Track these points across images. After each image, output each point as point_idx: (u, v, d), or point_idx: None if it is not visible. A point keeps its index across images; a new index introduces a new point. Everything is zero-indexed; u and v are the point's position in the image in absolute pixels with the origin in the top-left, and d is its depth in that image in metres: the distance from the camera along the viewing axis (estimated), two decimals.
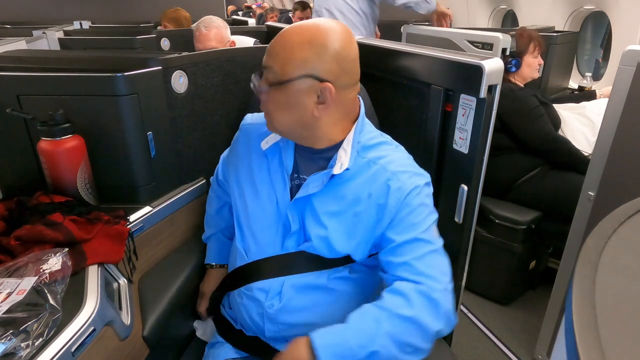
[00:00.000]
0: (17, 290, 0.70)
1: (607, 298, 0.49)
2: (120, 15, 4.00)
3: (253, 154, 0.94)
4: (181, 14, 2.79)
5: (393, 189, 0.82)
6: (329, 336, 0.74)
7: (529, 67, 1.92)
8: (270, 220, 0.91)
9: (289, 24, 0.91)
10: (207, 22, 1.94)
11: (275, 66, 0.78)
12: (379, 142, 0.89)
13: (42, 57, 1.24)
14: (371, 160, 0.86)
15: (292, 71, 0.77)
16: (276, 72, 0.78)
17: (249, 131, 0.98)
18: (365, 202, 0.84)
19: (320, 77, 0.77)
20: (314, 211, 0.86)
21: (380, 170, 0.84)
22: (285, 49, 0.78)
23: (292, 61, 0.77)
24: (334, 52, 0.77)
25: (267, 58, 0.80)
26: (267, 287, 0.89)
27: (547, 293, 1.55)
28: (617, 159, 1.21)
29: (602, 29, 3.01)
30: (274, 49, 0.79)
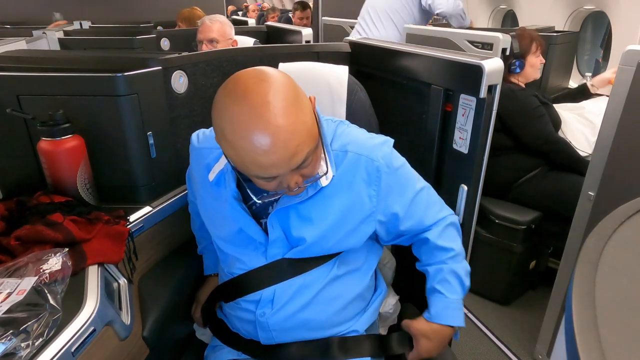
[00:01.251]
0: (17, 290, 0.70)
1: (607, 298, 0.49)
2: (120, 15, 4.00)
3: (206, 182, 0.88)
4: (195, 13, 2.79)
5: (372, 170, 0.84)
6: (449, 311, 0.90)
7: (532, 67, 1.92)
8: (244, 241, 0.87)
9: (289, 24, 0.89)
10: (213, 16, 2.00)
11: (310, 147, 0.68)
12: (333, 129, 0.87)
13: (42, 57, 1.24)
14: (340, 150, 0.84)
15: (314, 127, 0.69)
16: (312, 148, 0.69)
17: (199, 157, 0.91)
18: (349, 190, 0.84)
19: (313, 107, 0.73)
20: (302, 215, 0.83)
21: (353, 157, 0.84)
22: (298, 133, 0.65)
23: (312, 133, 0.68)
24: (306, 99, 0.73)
25: (296, 157, 0.66)
26: (257, 297, 0.88)
27: (547, 293, 1.55)
28: (617, 159, 1.21)
29: (602, 29, 3.01)
30: (288, 149, 0.65)
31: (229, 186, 0.84)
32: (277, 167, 0.66)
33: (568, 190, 1.68)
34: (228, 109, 0.65)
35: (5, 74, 0.98)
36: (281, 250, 0.86)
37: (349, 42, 1.41)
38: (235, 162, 0.69)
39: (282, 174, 0.69)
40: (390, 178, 0.85)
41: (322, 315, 0.89)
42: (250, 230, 0.85)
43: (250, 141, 0.63)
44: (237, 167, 0.71)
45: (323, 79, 1.12)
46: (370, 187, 0.84)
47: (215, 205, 0.88)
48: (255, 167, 0.67)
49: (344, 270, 0.90)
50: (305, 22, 4.50)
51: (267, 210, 0.86)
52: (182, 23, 2.82)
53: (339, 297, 0.90)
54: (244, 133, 0.63)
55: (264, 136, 0.63)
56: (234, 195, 0.84)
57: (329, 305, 0.89)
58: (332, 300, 0.89)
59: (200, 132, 0.95)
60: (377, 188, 0.85)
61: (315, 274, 0.87)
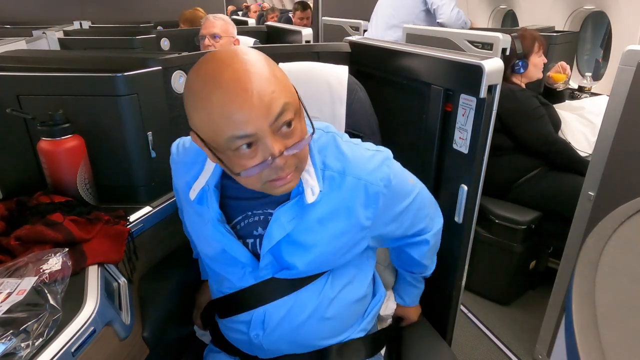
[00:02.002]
0: (17, 290, 0.70)
1: (607, 298, 0.49)
2: (120, 15, 4.00)
3: (187, 199, 0.81)
4: (197, 14, 2.79)
5: (371, 194, 0.77)
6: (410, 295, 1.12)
7: (535, 67, 1.92)
8: (229, 260, 0.81)
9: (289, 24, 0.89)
10: (217, 14, 2.01)
11: (288, 98, 0.62)
12: (327, 142, 0.78)
13: (42, 57, 1.24)
14: (338, 173, 0.76)
15: (294, 94, 0.65)
16: (292, 102, 0.62)
17: (179, 173, 0.85)
18: (347, 215, 0.78)
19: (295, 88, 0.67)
20: (294, 241, 0.77)
21: (353, 182, 0.76)
22: (272, 81, 0.60)
23: (287, 86, 0.63)
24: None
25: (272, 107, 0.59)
26: (247, 318, 0.84)
27: (547, 293, 1.55)
28: (617, 159, 1.21)
29: (602, 29, 3.01)
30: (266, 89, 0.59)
31: (211, 207, 0.77)
32: (253, 119, 0.58)
33: (568, 190, 1.68)
34: (196, 71, 0.61)
35: (5, 74, 0.98)
36: (271, 270, 0.81)
37: (349, 42, 1.41)
38: (207, 130, 0.61)
39: (259, 131, 0.60)
40: (388, 197, 0.80)
41: (318, 333, 0.86)
42: (235, 251, 0.78)
43: (220, 92, 0.58)
44: (211, 140, 0.62)
45: (323, 79, 1.12)
46: (367, 210, 0.78)
47: (199, 223, 0.82)
48: (229, 125, 0.58)
49: (338, 287, 0.85)
50: (306, 22, 4.50)
51: (252, 232, 0.80)
52: (184, 24, 2.82)
53: (335, 314, 0.86)
54: (214, 83, 0.58)
55: (234, 82, 0.58)
56: (217, 216, 0.77)
57: (324, 323, 0.86)
58: (327, 319, 0.86)
59: (180, 142, 0.87)
60: (375, 209, 0.79)
61: (307, 294, 0.82)
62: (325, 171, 0.76)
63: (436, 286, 1.16)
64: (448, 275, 1.10)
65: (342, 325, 0.90)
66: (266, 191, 0.69)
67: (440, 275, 1.08)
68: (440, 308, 1.16)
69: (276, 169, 0.64)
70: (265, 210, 0.79)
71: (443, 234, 1.04)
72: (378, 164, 0.79)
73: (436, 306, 1.18)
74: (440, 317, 1.15)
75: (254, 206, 0.79)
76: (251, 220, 0.80)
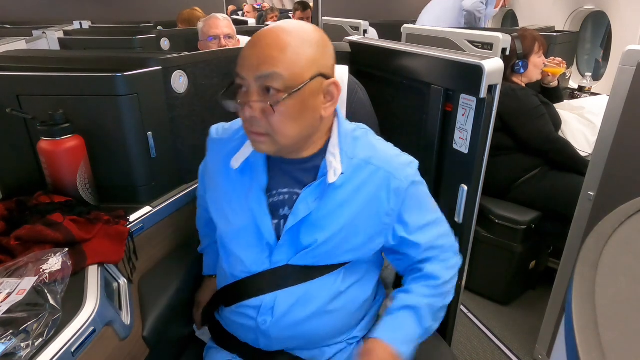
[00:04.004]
0: (17, 290, 0.70)
1: (607, 298, 0.49)
2: (120, 15, 4.00)
3: (224, 172, 0.88)
4: (195, 14, 2.78)
5: (393, 188, 0.82)
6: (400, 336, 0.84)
7: (535, 67, 1.93)
8: (253, 239, 0.85)
9: None
10: (219, 14, 2.00)
11: (283, 72, 0.70)
12: (360, 135, 0.86)
13: (42, 57, 1.24)
14: (364, 161, 0.83)
15: (305, 73, 0.72)
16: (285, 78, 0.70)
17: (217, 147, 0.92)
18: (365, 204, 0.82)
19: (327, 74, 0.76)
20: (314, 222, 0.82)
21: (375, 171, 0.83)
22: (287, 51, 0.70)
23: (301, 62, 0.71)
24: (330, 49, 0.78)
25: (263, 66, 0.70)
26: (258, 303, 0.85)
27: (547, 293, 1.55)
28: (617, 159, 1.21)
29: (602, 29, 3.01)
30: (270, 53, 0.70)
31: (258, 174, 0.84)
32: (248, 65, 0.71)
33: (568, 190, 1.68)
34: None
35: (5, 74, 0.98)
36: (286, 257, 0.84)
37: (349, 42, 1.41)
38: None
39: (247, 78, 0.72)
40: (411, 199, 0.85)
41: (324, 328, 0.87)
42: (263, 224, 0.83)
43: (253, 37, 0.74)
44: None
45: None
46: (389, 204, 0.83)
47: (232, 195, 0.86)
48: (240, 60, 0.73)
49: (348, 283, 0.88)
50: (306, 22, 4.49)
51: (278, 210, 0.84)
52: (182, 24, 2.82)
53: (341, 310, 0.88)
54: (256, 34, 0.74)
55: (264, 33, 0.72)
56: (262, 184, 0.83)
57: (331, 317, 0.87)
58: (333, 313, 0.87)
59: (220, 125, 0.95)
60: (397, 206, 0.83)
61: (318, 285, 0.85)
62: (352, 159, 0.82)
63: None
64: None
65: (346, 323, 0.91)
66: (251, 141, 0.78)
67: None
68: None
69: (245, 119, 0.74)
70: (292, 190, 0.84)
71: None
72: (404, 163, 0.86)
73: None
74: None
75: (282, 184, 0.84)
76: (277, 199, 0.84)
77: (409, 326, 0.86)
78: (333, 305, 0.86)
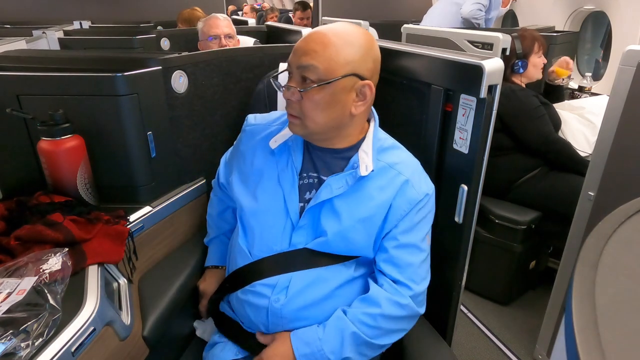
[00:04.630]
0: (17, 290, 0.70)
1: (607, 298, 0.49)
2: (120, 15, 4.00)
3: (259, 152, 0.95)
4: (195, 14, 2.78)
5: (408, 196, 0.89)
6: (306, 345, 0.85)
7: (534, 67, 1.92)
8: (277, 218, 0.91)
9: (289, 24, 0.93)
10: (219, 14, 2.00)
11: (319, 65, 0.80)
12: (390, 145, 0.95)
13: (42, 57, 1.24)
14: (388, 165, 0.90)
15: (339, 70, 0.81)
16: (320, 71, 0.80)
17: (255, 131, 0.99)
18: (380, 204, 0.88)
19: (362, 75, 0.84)
20: (334, 209, 0.88)
21: (397, 176, 0.89)
22: (328, 48, 0.80)
23: (338, 60, 0.80)
24: (373, 53, 0.86)
25: (304, 58, 0.81)
26: (273, 282, 0.89)
27: (547, 293, 1.55)
28: (617, 159, 1.21)
29: (602, 29, 3.01)
30: (314, 48, 0.80)
31: (295, 155, 0.91)
32: (294, 56, 0.83)
33: (568, 190, 1.68)
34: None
35: (5, 74, 0.98)
36: (304, 240, 0.89)
37: None
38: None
39: (292, 65, 0.83)
40: (416, 215, 0.90)
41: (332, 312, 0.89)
42: (291, 203, 0.89)
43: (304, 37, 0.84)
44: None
45: None
46: (400, 208, 0.88)
47: (265, 173, 0.93)
48: (292, 54, 0.84)
49: (360, 272, 0.93)
50: (306, 22, 4.50)
51: (305, 193, 0.91)
52: (182, 24, 2.82)
53: (351, 299, 0.91)
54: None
55: (316, 31, 0.83)
56: (297, 165, 0.91)
57: (340, 305, 0.90)
58: (344, 301, 0.91)
59: (257, 114, 1.03)
60: (403, 213, 0.89)
61: (332, 271, 0.90)
62: (380, 161, 0.90)
63: (436, 286, 1.16)
64: (448, 275, 1.10)
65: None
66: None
67: (440, 275, 1.08)
68: (440, 308, 1.16)
69: (285, 101, 0.85)
70: (320, 175, 0.91)
71: (443, 234, 1.04)
72: (425, 179, 0.93)
73: (436, 306, 1.18)
74: (440, 317, 1.15)
75: (313, 168, 0.92)
76: (306, 182, 0.91)
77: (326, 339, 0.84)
78: (344, 291, 0.91)
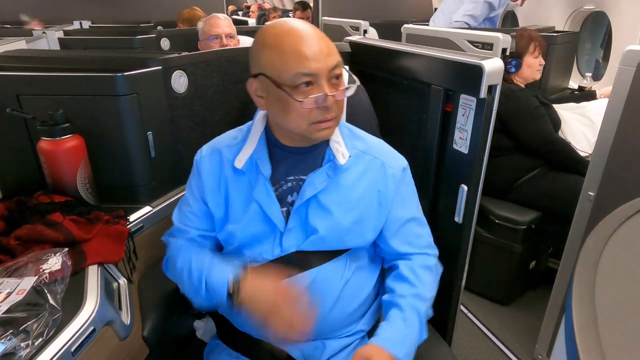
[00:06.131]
0: (16, 290, 0.70)
1: (607, 298, 0.49)
2: (120, 15, 4.00)
3: (224, 178, 0.89)
4: (196, 14, 2.78)
5: (389, 175, 0.90)
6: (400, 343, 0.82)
7: (529, 67, 1.91)
8: (261, 230, 0.88)
9: None
10: (219, 14, 2.01)
11: (340, 59, 0.78)
12: (356, 133, 0.94)
13: (42, 57, 1.24)
14: (361, 152, 0.90)
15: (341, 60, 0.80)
16: (341, 64, 0.79)
17: (210, 162, 0.90)
18: (365, 191, 0.88)
19: None
20: (321, 205, 0.86)
21: (373, 161, 0.90)
22: (329, 41, 0.79)
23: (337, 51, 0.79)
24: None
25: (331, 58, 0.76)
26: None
27: (547, 293, 1.55)
28: (617, 159, 1.21)
29: (602, 29, 3.01)
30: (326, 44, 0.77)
31: (263, 166, 0.87)
32: (317, 60, 0.74)
33: (568, 190, 1.68)
34: (266, 29, 0.78)
35: (5, 74, 0.98)
36: (295, 243, 0.87)
37: (349, 42, 1.41)
38: (277, 67, 0.75)
39: (319, 72, 0.74)
40: (402, 188, 0.92)
41: (331, 314, 0.89)
42: (272, 211, 0.86)
43: (293, 37, 0.74)
44: (277, 77, 0.75)
45: None
46: (387, 190, 0.90)
47: (238, 194, 0.89)
48: (297, 60, 0.73)
49: (352, 268, 0.91)
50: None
51: (286, 197, 0.88)
52: (182, 24, 2.82)
53: (347, 297, 0.91)
54: (286, 32, 0.75)
55: (303, 29, 0.76)
56: (267, 174, 0.86)
57: (338, 304, 0.90)
58: (340, 300, 0.90)
59: (203, 147, 0.94)
60: (392, 193, 0.90)
61: (326, 272, 0.88)
62: (352, 149, 0.89)
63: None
64: (448, 275, 1.10)
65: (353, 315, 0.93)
66: (308, 134, 0.80)
67: (440, 275, 1.08)
68: (440, 308, 1.15)
69: (324, 110, 0.77)
70: (298, 176, 0.88)
71: (443, 234, 1.04)
72: (396, 155, 0.94)
73: (436, 306, 1.18)
74: (440, 317, 1.15)
75: (287, 173, 0.88)
76: (285, 187, 0.88)
77: (397, 326, 0.85)
78: (340, 291, 0.89)
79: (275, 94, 0.77)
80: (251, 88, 0.82)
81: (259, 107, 0.84)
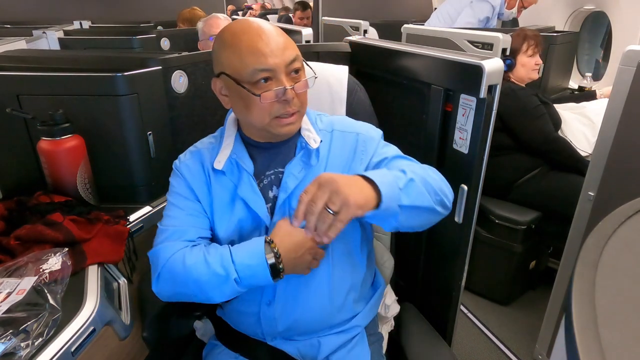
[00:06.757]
0: (16, 290, 0.70)
1: (607, 298, 0.49)
2: (120, 15, 4.00)
3: (206, 182, 0.88)
4: (196, 14, 2.78)
5: (367, 140, 0.90)
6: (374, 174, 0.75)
7: (523, 67, 1.90)
8: (250, 228, 0.88)
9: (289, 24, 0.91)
10: (220, 14, 2.00)
11: (297, 52, 0.80)
12: (324, 117, 0.94)
13: (42, 57, 1.24)
14: (327, 131, 0.90)
15: (300, 53, 0.81)
16: (300, 58, 0.80)
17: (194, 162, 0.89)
18: (345, 165, 0.88)
19: None
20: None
21: (344, 136, 0.90)
22: (285, 36, 0.80)
23: (295, 45, 0.80)
24: None
25: (288, 52, 0.77)
26: (259, 288, 0.87)
27: (547, 293, 1.55)
28: (617, 159, 1.21)
29: (602, 29, 3.01)
30: (283, 40, 0.78)
31: (244, 162, 0.86)
32: (274, 56, 0.75)
33: (568, 190, 1.68)
34: (225, 29, 0.80)
35: (5, 74, 0.98)
36: None
37: (349, 42, 1.41)
38: (235, 66, 0.77)
39: (277, 68, 0.76)
40: (382, 149, 0.90)
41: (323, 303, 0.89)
42: (258, 207, 0.86)
43: (249, 35, 0.76)
44: (237, 74, 0.77)
45: (323, 79, 1.12)
46: (362, 158, 0.89)
47: (223, 195, 0.87)
48: (254, 57, 0.75)
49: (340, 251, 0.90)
50: (306, 22, 4.49)
51: (267, 193, 0.88)
52: (182, 24, 2.82)
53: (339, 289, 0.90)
54: (243, 31, 0.77)
55: (259, 27, 0.77)
56: (250, 170, 0.86)
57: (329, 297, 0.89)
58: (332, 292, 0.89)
59: (181, 154, 0.93)
60: (366, 157, 0.89)
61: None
62: (321, 131, 0.90)
63: (436, 286, 1.16)
64: (448, 275, 1.10)
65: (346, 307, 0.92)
66: (271, 129, 0.81)
67: (440, 275, 1.08)
68: (440, 308, 1.16)
69: (285, 103, 0.78)
70: (276, 169, 0.88)
71: (443, 234, 1.04)
72: (367, 125, 0.94)
73: (436, 306, 1.18)
74: (440, 317, 1.15)
75: (266, 167, 0.89)
76: (265, 182, 0.88)
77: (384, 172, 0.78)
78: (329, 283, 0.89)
79: (237, 92, 0.79)
80: (216, 88, 0.84)
81: (225, 106, 0.85)
